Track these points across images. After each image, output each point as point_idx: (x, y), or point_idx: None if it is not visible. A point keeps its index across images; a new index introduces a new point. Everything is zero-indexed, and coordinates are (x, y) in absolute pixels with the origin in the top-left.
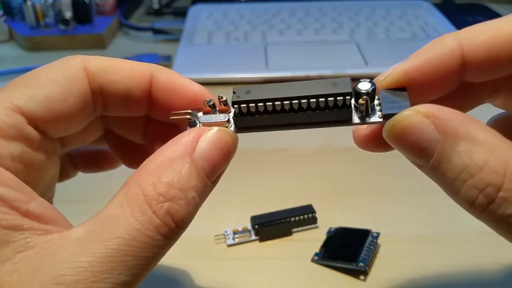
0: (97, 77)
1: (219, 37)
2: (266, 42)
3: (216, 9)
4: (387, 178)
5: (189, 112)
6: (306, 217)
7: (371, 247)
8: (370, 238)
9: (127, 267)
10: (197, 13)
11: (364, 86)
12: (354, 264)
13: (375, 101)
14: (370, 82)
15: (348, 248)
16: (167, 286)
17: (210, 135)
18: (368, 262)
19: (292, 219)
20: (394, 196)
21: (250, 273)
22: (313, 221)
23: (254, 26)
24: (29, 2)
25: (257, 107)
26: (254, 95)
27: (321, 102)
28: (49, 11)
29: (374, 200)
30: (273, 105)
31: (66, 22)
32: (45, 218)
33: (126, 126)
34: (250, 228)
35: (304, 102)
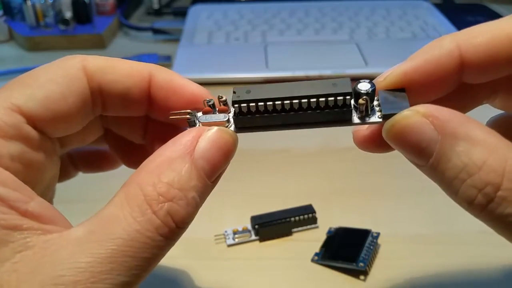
0: (96, 76)
1: (219, 37)
2: (266, 42)
3: (216, 9)
4: (387, 178)
5: (188, 112)
6: (306, 217)
7: (371, 247)
8: (370, 238)
9: (127, 268)
10: (197, 13)
11: (364, 86)
12: (354, 264)
13: (375, 101)
14: (369, 82)
15: (348, 248)
16: (167, 286)
17: (210, 135)
18: (368, 262)
19: (292, 219)
20: (394, 196)
21: (250, 273)
22: (313, 221)
23: (254, 26)
24: (29, 2)
25: (257, 107)
26: (254, 95)
27: (321, 102)
28: (49, 11)
29: (374, 200)
30: (273, 104)
31: (66, 22)
32: (44, 218)
33: (126, 126)
34: (250, 228)
35: (304, 102)
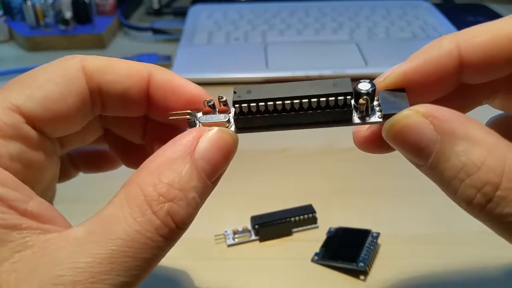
0: (95, 76)
1: (219, 37)
2: (266, 42)
3: (216, 9)
4: (387, 178)
5: (188, 112)
6: (306, 217)
7: (371, 247)
8: (370, 238)
9: (126, 268)
10: (197, 13)
11: (364, 86)
12: (354, 264)
13: (375, 101)
14: (370, 82)
15: (348, 248)
16: (167, 286)
17: (210, 135)
18: (368, 262)
19: (292, 219)
20: (394, 196)
21: (250, 273)
22: (313, 221)
23: (254, 26)
24: (29, 2)
25: (258, 107)
26: (255, 95)
27: (322, 102)
28: (49, 11)
29: (374, 200)
30: (274, 104)
31: (66, 22)
32: (43, 218)
33: (125, 127)
34: (250, 228)
35: (305, 102)
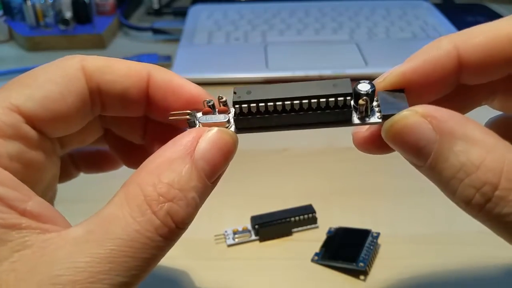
0: (94, 76)
1: (219, 37)
2: (266, 42)
3: (216, 9)
4: (387, 178)
5: (188, 112)
6: (306, 217)
7: (371, 247)
8: (370, 238)
9: (126, 268)
10: (197, 13)
11: (363, 87)
12: (354, 264)
13: (374, 102)
14: (369, 83)
15: (348, 248)
16: (167, 286)
17: (210, 136)
18: (368, 262)
19: (292, 219)
20: (394, 196)
21: (250, 273)
22: (313, 221)
23: (254, 26)
24: (29, 2)
25: (258, 108)
26: (255, 95)
27: (322, 102)
28: (49, 11)
29: (374, 200)
30: (274, 105)
31: (66, 22)
32: (43, 217)
33: (125, 127)
34: (250, 228)
35: (305, 103)
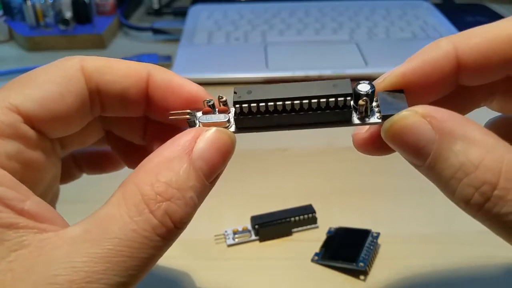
0: (94, 77)
1: (219, 37)
2: (266, 42)
3: (216, 9)
4: (387, 178)
5: (188, 112)
6: (306, 217)
7: (371, 247)
8: (370, 238)
9: (123, 268)
10: (197, 13)
11: (363, 87)
12: (354, 264)
13: (374, 103)
14: (369, 84)
15: (348, 248)
16: (167, 286)
17: (208, 135)
18: (368, 262)
19: (292, 219)
20: (394, 196)
21: (250, 273)
22: (313, 221)
23: (254, 26)
24: (29, 2)
25: (258, 107)
26: (255, 95)
27: (322, 102)
28: (49, 11)
29: (374, 200)
30: (274, 105)
31: (66, 22)
32: (40, 217)
33: (126, 128)
34: (250, 228)
35: (305, 103)
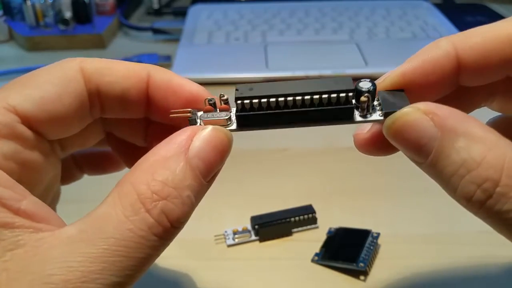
0: (93, 78)
1: (219, 37)
2: (266, 42)
3: (216, 9)
4: (387, 178)
5: (189, 110)
6: (306, 217)
7: (371, 247)
8: (370, 238)
9: (120, 268)
10: (197, 13)
11: (365, 85)
12: (354, 264)
13: (375, 101)
14: (370, 81)
15: (348, 248)
16: (167, 286)
17: (204, 134)
18: (368, 262)
19: (292, 219)
20: (394, 196)
21: (250, 273)
22: (313, 221)
23: (254, 26)
24: (29, 2)
25: (260, 103)
26: (257, 92)
27: (324, 98)
28: (49, 11)
29: (374, 200)
30: (276, 101)
31: (66, 22)
32: (37, 217)
33: (127, 129)
34: (250, 228)
35: (307, 99)
